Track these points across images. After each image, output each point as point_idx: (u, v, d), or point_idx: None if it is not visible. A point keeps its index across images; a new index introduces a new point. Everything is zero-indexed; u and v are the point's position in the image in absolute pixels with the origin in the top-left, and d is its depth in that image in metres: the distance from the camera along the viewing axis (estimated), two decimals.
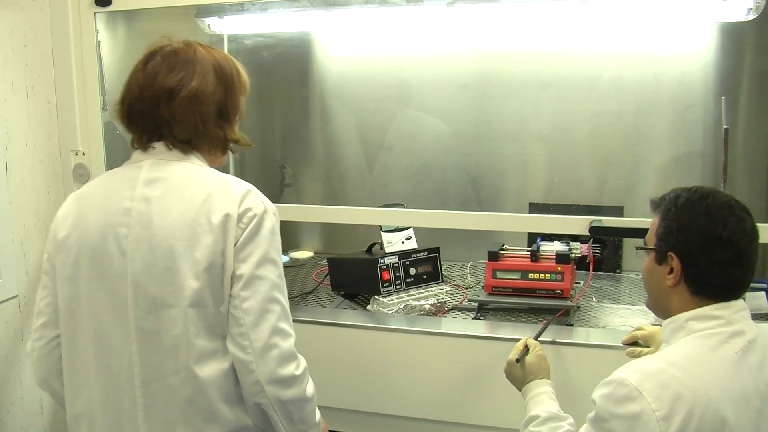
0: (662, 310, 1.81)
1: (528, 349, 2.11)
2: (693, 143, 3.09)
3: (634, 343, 2.27)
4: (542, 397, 2.01)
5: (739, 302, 1.72)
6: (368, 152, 3.55)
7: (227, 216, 1.64)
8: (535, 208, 3.24)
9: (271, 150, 3.73)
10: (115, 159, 2.89)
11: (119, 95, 1.77)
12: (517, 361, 2.08)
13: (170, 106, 1.70)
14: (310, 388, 1.71)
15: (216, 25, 3.14)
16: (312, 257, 3.59)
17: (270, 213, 1.70)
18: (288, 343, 1.65)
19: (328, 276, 3.07)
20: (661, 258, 1.77)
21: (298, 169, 3.69)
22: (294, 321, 2.07)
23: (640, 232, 2.47)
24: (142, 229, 1.67)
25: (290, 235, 3.66)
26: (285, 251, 3.58)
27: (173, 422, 1.67)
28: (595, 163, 3.24)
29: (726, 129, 2.55)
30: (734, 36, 2.99)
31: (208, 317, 1.65)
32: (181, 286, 1.63)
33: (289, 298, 1.89)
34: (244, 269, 1.64)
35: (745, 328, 1.68)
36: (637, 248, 1.93)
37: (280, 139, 3.73)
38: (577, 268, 2.83)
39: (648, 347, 2.20)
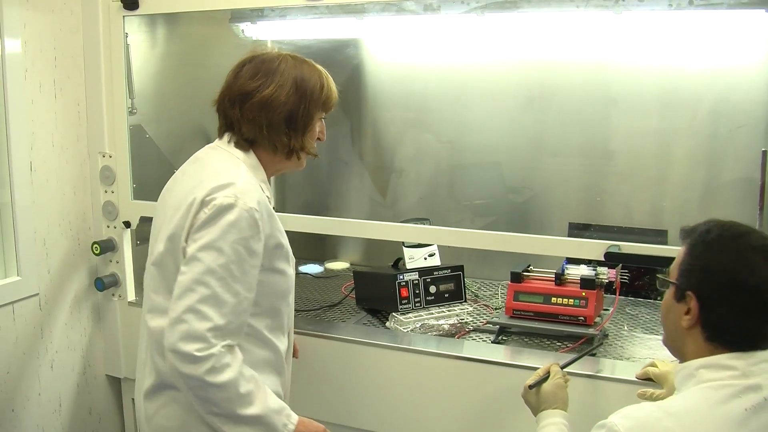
0: (677, 351, 1.69)
1: (548, 376, 2.03)
2: (747, 167, 2.88)
3: (648, 379, 2.12)
4: (551, 429, 1.91)
5: (762, 353, 1.56)
6: (409, 164, 3.45)
7: (194, 199, 1.81)
8: (575, 228, 3.09)
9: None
10: (141, 162, 2.91)
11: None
12: (531, 387, 2.01)
13: (242, 108, 1.92)
14: (220, 376, 1.73)
15: (250, 31, 3.10)
16: (347, 269, 3.50)
17: (238, 208, 1.78)
18: (201, 325, 1.72)
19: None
20: (679, 295, 1.64)
21: (342, 177, 3.61)
22: (302, 333, 2.55)
23: (660, 261, 2.33)
24: (169, 194, 1.97)
25: (328, 245, 3.59)
26: (321, 261, 3.54)
27: (145, 354, 1.95)
28: (642, 183, 3.06)
29: (764, 152, 2.35)
30: None
31: (167, 279, 1.84)
32: (156, 246, 1.89)
33: (311, 309, 2.68)
34: (191, 249, 1.78)
35: (764, 383, 1.52)
36: (658, 278, 1.80)
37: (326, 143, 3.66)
38: (616, 293, 2.66)
39: (662, 388, 2.05)
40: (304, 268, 3.45)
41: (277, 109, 1.91)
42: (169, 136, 3.09)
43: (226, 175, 1.86)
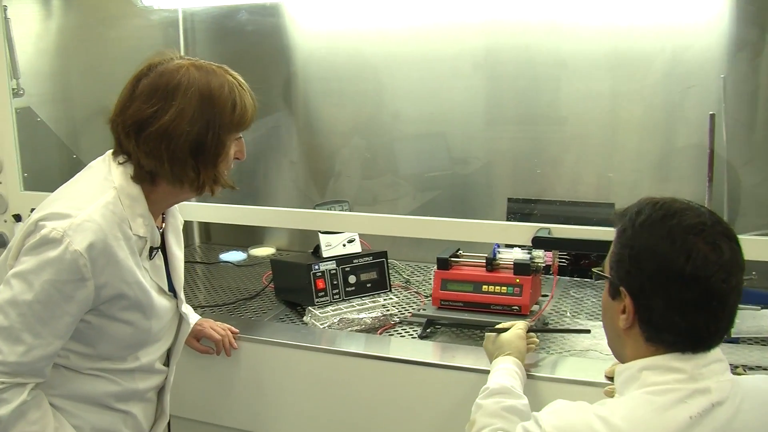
0: (618, 356, 1.47)
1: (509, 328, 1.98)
2: (698, 132, 2.62)
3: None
4: (500, 373, 1.80)
5: (712, 353, 1.34)
6: (345, 139, 3.18)
7: (28, 220, 1.62)
8: (514, 203, 2.84)
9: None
10: (33, 149, 2.65)
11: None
12: (491, 332, 1.98)
13: (138, 138, 1.64)
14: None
15: None
16: (273, 255, 3.21)
17: (62, 247, 1.55)
18: None
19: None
20: (614, 291, 1.41)
21: (271, 159, 3.32)
22: None
23: (594, 245, 2.09)
24: None
25: (253, 229, 3.31)
26: (245, 247, 3.27)
27: None
28: (590, 151, 2.80)
29: (712, 115, 2.10)
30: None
31: None
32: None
33: (226, 304, 2.47)
34: (10, 271, 1.60)
35: (713, 387, 1.31)
36: (593, 272, 1.57)
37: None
38: (554, 279, 2.41)
39: None
40: (225, 256, 3.19)
41: (180, 139, 1.63)
42: (66, 119, 2.83)
43: (77, 201, 1.62)
